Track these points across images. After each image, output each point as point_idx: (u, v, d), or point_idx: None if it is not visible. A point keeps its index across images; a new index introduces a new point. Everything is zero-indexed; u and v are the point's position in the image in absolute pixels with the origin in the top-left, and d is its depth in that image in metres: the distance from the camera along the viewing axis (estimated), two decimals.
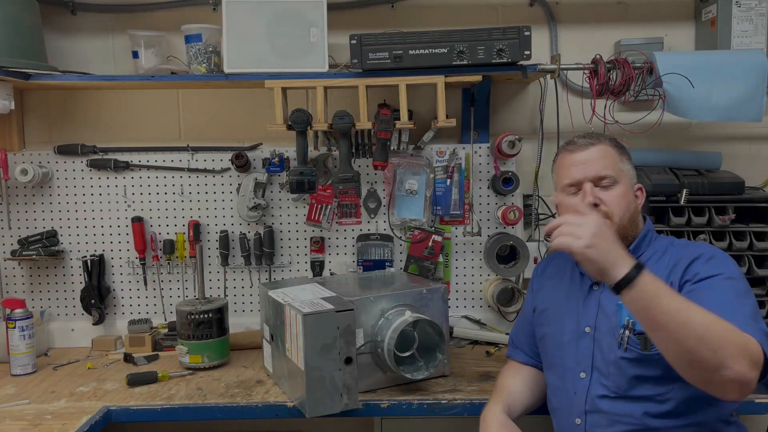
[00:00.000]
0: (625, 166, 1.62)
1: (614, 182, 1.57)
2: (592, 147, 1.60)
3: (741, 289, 1.46)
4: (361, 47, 2.02)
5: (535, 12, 2.39)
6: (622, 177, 1.59)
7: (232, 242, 2.42)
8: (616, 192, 1.57)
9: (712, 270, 1.47)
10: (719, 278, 1.46)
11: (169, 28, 2.31)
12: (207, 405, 1.87)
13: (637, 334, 1.49)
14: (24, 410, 1.85)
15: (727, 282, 1.45)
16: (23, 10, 2.08)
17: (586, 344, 1.60)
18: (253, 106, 2.42)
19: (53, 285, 2.44)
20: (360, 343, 1.86)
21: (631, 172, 1.63)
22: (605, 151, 1.60)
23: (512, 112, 2.43)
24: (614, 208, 1.55)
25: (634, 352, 1.50)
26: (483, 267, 2.43)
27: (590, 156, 1.59)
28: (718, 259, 1.51)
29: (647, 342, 1.47)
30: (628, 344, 1.50)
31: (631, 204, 1.59)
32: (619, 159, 1.61)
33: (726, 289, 1.44)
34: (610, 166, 1.58)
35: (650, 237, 1.64)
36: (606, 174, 1.57)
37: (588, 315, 1.62)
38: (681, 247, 1.61)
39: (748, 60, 2.09)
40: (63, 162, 2.39)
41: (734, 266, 1.52)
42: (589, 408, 1.58)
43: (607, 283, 1.32)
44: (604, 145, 1.61)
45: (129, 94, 2.42)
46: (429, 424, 2.18)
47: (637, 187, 1.64)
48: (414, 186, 2.38)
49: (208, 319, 2.12)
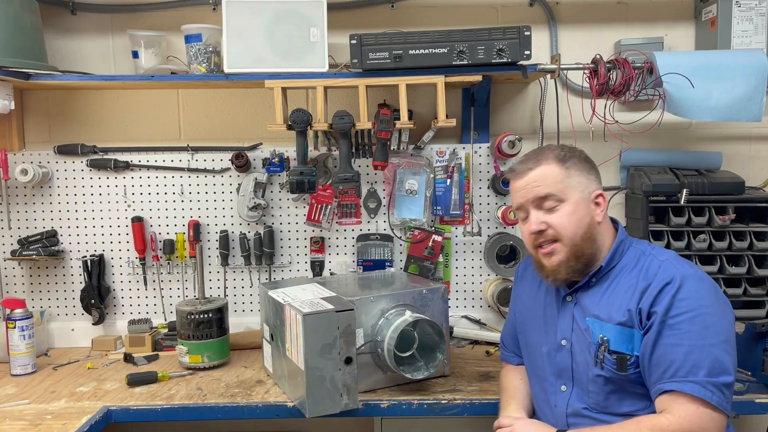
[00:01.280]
0: (573, 180, 1.53)
1: (559, 201, 1.51)
2: (531, 172, 1.54)
3: (706, 327, 1.40)
4: (361, 47, 2.02)
5: (535, 12, 2.39)
6: (569, 193, 1.52)
7: (232, 242, 2.42)
8: (562, 212, 1.51)
9: (680, 305, 1.41)
10: (684, 318, 1.41)
11: (169, 28, 2.31)
12: (207, 405, 1.87)
13: (612, 353, 1.49)
14: (24, 410, 1.85)
15: (692, 322, 1.40)
16: (23, 10, 2.08)
17: (564, 357, 1.60)
18: (253, 106, 2.42)
19: (53, 285, 2.44)
20: (360, 343, 1.86)
21: (582, 184, 1.53)
22: (545, 171, 1.53)
23: (512, 112, 2.43)
24: (561, 230, 1.51)
25: (610, 372, 1.50)
26: (483, 267, 2.43)
27: (529, 180, 1.54)
28: (687, 287, 1.43)
29: (624, 362, 1.47)
30: (603, 363, 1.51)
31: (583, 219, 1.52)
32: (565, 175, 1.52)
33: (686, 335, 1.39)
34: (551, 185, 1.52)
35: (623, 248, 1.57)
36: (547, 193, 1.52)
37: (563, 327, 1.61)
38: (653, 259, 1.52)
39: (748, 60, 2.09)
40: (63, 162, 2.39)
41: (707, 291, 1.44)
42: (571, 421, 1.58)
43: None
44: (544, 166, 1.54)
45: (129, 94, 2.42)
46: (429, 424, 2.17)
47: (595, 195, 1.54)
48: (414, 186, 2.38)
49: (208, 319, 2.12)
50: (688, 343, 1.39)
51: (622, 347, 1.49)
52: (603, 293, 1.55)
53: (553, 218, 1.52)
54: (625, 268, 1.55)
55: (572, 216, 1.51)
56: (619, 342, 1.49)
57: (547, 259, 1.55)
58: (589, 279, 1.57)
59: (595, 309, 1.54)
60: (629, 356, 1.47)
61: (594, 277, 1.56)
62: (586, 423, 1.55)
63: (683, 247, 2.19)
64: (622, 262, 1.56)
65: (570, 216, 1.51)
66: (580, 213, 1.52)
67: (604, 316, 1.52)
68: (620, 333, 1.49)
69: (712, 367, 1.37)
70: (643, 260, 1.53)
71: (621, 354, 1.48)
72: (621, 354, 1.48)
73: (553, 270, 1.55)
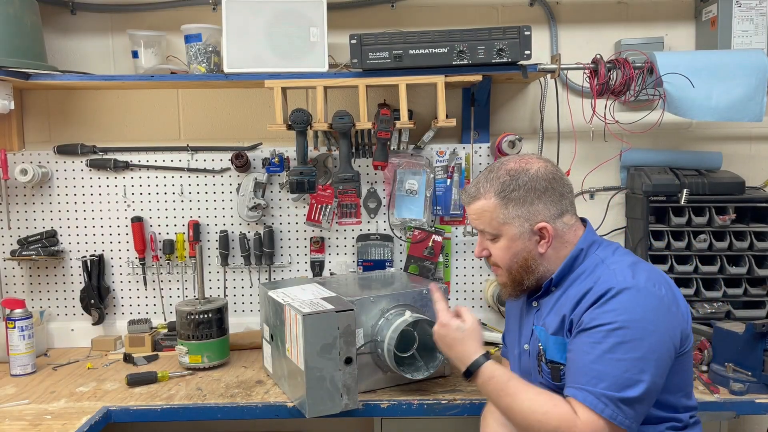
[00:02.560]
0: (510, 214, 1.51)
1: (495, 236, 1.55)
2: (472, 204, 1.58)
3: (622, 342, 1.36)
4: (361, 47, 2.02)
5: (535, 12, 2.39)
6: (504, 229, 1.53)
7: (232, 242, 2.42)
8: (498, 245, 1.55)
9: (602, 317, 1.39)
10: (602, 330, 1.38)
11: (169, 28, 2.31)
12: (207, 405, 1.87)
13: (548, 362, 1.51)
14: (24, 410, 1.84)
15: (609, 335, 1.37)
16: (23, 10, 2.08)
17: (526, 361, 1.62)
18: (253, 106, 2.42)
19: (53, 285, 2.43)
20: (360, 343, 1.86)
21: (521, 218, 1.51)
22: (483, 206, 1.54)
23: (512, 111, 2.43)
24: (498, 261, 1.57)
25: (546, 381, 1.52)
26: (483, 267, 2.43)
27: (471, 212, 1.59)
28: (618, 299, 1.40)
29: (557, 371, 1.49)
30: (541, 372, 1.54)
31: (518, 254, 1.53)
32: (503, 209, 1.52)
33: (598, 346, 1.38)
34: (486, 222, 1.55)
35: (582, 257, 1.54)
36: (484, 229, 1.57)
37: (526, 332, 1.63)
38: (604, 268, 1.49)
39: (748, 60, 2.09)
40: (63, 162, 2.39)
41: (638, 305, 1.39)
42: None
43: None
44: (483, 201, 1.54)
45: (129, 93, 2.42)
46: (429, 424, 2.18)
47: (539, 228, 1.51)
48: (414, 186, 2.38)
49: (207, 319, 2.12)
50: (597, 353, 1.37)
51: (556, 356, 1.50)
52: (557, 301, 1.54)
53: (492, 248, 1.58)
54: (581, 275, 1.52)
55: (507, 251, 1.55)
56: (554, 351, 1.50)
57: (498, 278, 1.64)
58: (547, 288, 1.57)
59: (544, 317, 1.56)
60: (563, 366, 1.47)
61: (552, 285, 1.56)
62: None
63: (683, 247, 2.19)
64: (581, 268, 1.54)
65: (505, 251, 1.55)
66: (515, 248, 1.53)
67: (547, 324, 1.54)
68: (554, 342, 1.50)
69: (615, 382, 1.35)
70: (600, 269, 1.50)
71: (555, 363, 1.50)
72: (555, 363, 1.50)
73: (502, 287, 1.64)
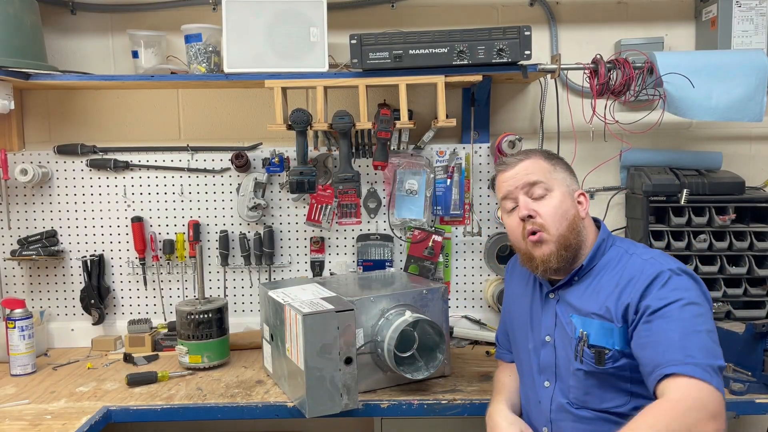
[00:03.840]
0: (559, 174, 1.60)
1: (546, 190, 1.57)
2: (521, 163, 1.61)
3: (697, 315, 1.41)
4: (361, 47, 2.02)
5: (535, 12, 2.39)
6: (555, 185, 1.58)
7: (232, 242, 2.42)
8: (549, 202, 1.56)
9: (669, 296, 1.43)
10: (675, 307, 1.42)
11: (169, 28, 2.31)
12: (207, 405, 1.87)
13: (591, 347, 1.52)
14: (24, 410, 1.84)
15: (683, 310, 1.41)
16: (23, 10, 2.08)
17: (548, 353, 1.62)
18: (253, 106, 2.42)
19: (53, 285, 2.43)
20: (360, 343, 1.86)
21: (567, 180, 1.61)
22: (535, 163, 1.60)
23: (512, 112, 2.43)
24: (548, 219, 1.55)
25: (589, 365, 1.53)
26: (483, 267, 2.43)
27: (519, 170, 1.60)
28: (675, 280, 1.45)
29: (602, 356, 1.50)
30: (583, 357, 1.53)
31: (568, 211, 1.56)
32: (551, 169, 1.60)
33: (678, 323, 1.40)
34: (540, 174, 1.58)
35: (604, 246, 1.61)
36: (536, 180, 1.57)
37: (547, 324, 1.63)
38: (637, 258, 1.55)
39: (748, 60, 2.09)
40: (63, 162, 2.39)
41: (693, 285, 1.46)
42: (554, 417, 1.60)
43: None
44: (533, 159, 1.61)
45: (129, 93, 2.42)
46: (429, 424, 2.17)
47: (578, 194, 1.61)
48: (414, 186, 2.38)
49: (208, 319, 2.12)
50: (682, 328, 1.39)
51: (601, 341, 1.51)
52: (585, 290, 1.58)
53: (541, 207, 1.56)
54: (608, 265, 1.58)
55: (558, 207, 1.56)
56: (598, 336, 1.52)
57: (537, 249, 1.57)
58: (571, 277, 1.60)
59: (577, 305, 1.57)
60: (608, 350, 1.50)
61: (576, 275, 1.59)
62: (569, 418, 1.57)
63: (683, 247, 2.19)
64: (605, 259, 1.59)
65: (557, 207, 1.56)
66: (565, 205, 1.57)
67: (585, 311, 1.55)
68: (600, 327, 1.52)
69: (707, 352, 1.37)
70: (626, 258, 1.56)
71: (600, 348, 1.51)
72: (600, 348, 1.51)
73: (543, 260, 1.56)
